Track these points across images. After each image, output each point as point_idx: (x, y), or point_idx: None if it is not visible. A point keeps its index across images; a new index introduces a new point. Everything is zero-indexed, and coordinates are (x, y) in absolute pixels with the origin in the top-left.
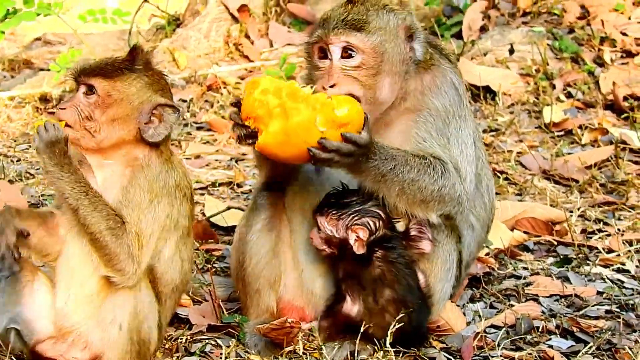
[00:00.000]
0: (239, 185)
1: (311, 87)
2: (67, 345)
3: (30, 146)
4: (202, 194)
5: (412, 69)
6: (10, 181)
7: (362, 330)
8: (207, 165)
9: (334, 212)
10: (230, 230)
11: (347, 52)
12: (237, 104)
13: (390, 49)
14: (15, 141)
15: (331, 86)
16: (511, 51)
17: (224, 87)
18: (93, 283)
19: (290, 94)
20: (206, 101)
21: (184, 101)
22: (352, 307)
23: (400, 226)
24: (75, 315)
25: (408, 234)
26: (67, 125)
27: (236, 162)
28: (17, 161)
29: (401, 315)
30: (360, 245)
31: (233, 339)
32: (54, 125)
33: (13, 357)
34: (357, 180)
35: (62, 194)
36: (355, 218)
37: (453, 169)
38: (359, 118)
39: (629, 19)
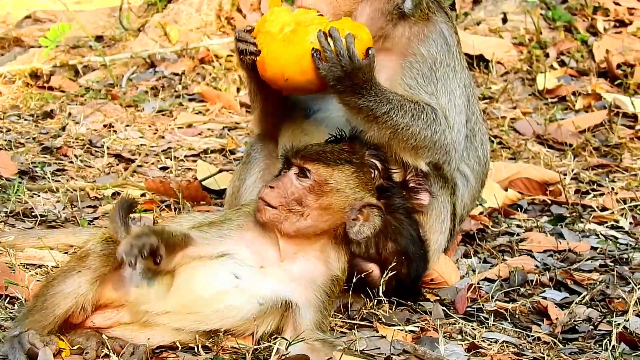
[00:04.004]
0: (231, 152)
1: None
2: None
3: (19, 117)
4: (195, 161)
5: (397, 13)
6: (0, 149)
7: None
8: (199, 134)
9: None
10: (222, 193)
11: None
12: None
13: None
14: (5, 113)
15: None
16: (504, 20)
17: (216, 60)
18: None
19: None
20: (198, 74)
21: (176, 74)
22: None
23: (397, 177)
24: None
25: (406, 186)
26: (270, 205)
27: (228, 130)
28: (7, 131)
29: (392, 264)
30: None
31: None
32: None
33: None
34: (349, 118)
35: None
36: None
37: (442, 116)
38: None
39: None
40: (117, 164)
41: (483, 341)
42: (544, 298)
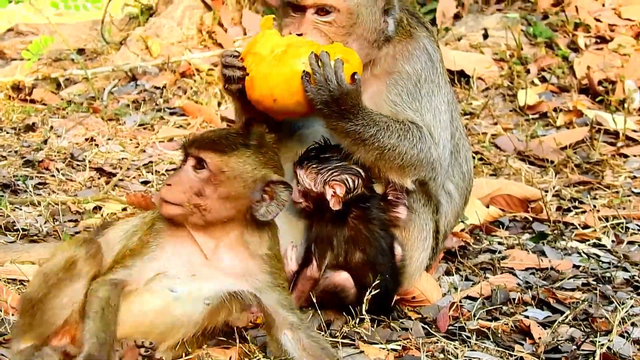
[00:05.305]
0: None
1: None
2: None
3: (1, 130)
4: None
5: (383, 38)
6: None
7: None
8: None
9: (313, 165)
10: None
11: (321, 10)
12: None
13: (365, 14)
14: None
15: (299, 34)
16: (485, 36)
17: (198, 74)
18: None
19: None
20: (179, 87)
21: (158, 88)
22: (316, 272)
23: (378, 189)
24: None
25: (385, 198)
26: (172, 203)
27: None
28: None
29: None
30: (337, 201)
31: None
32: None
33: None
34: (337, 141)
35: None
36: (335, 174)
37: (427, 133)
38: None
39: (603, 5)
40: (99, 178)
41: None
42: (527, 317)
